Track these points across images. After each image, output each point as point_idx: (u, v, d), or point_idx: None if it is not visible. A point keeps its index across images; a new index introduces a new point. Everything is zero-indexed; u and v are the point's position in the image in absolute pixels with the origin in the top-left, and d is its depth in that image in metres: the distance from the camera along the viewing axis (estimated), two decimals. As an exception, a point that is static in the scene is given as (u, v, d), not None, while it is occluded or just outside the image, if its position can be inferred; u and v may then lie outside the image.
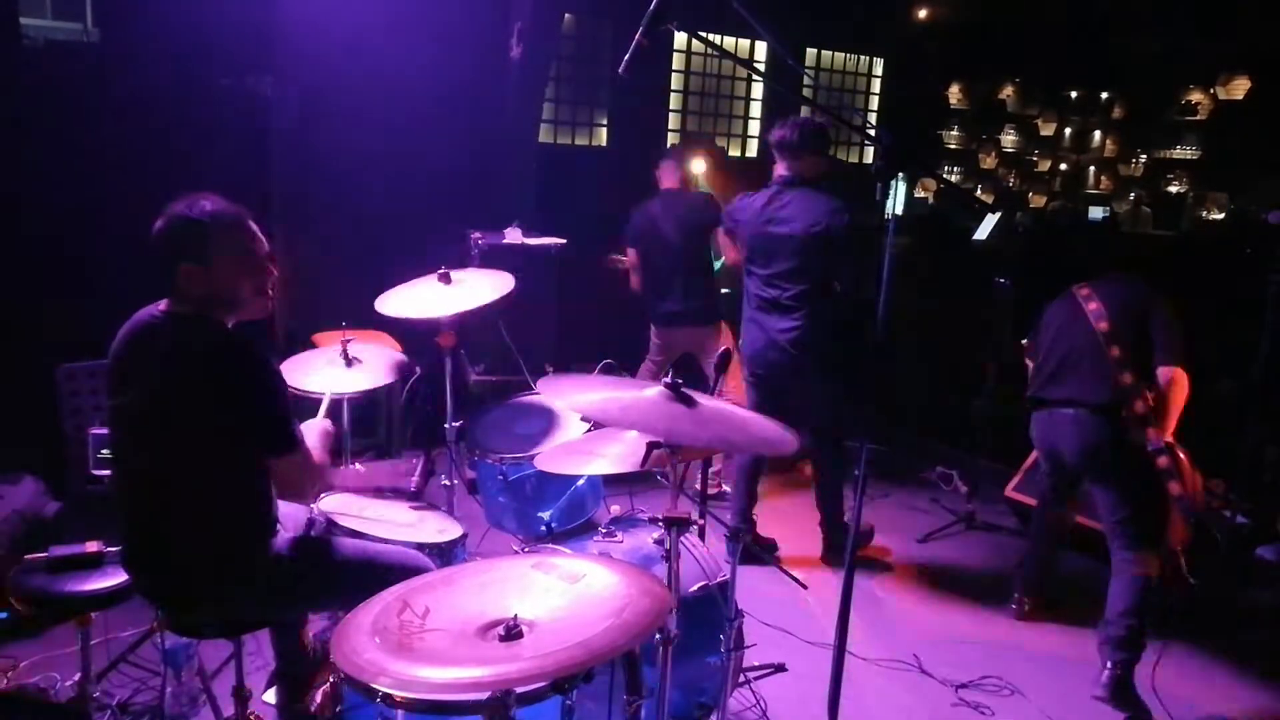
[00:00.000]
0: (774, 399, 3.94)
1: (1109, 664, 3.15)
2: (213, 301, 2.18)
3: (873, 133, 7.48)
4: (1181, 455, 3.20)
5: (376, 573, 2.23)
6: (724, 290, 5.11)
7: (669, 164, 4.81)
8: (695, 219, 4.68)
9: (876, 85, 8.92)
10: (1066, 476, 3.56)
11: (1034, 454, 3.73)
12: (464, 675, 1.44)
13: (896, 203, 2.67)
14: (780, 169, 3.88)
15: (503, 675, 1.44)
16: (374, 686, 1.51)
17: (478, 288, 3.22)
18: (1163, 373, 3.21)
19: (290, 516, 2.52)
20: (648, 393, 2.06)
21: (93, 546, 2.59)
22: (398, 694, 1.54)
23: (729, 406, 2.26)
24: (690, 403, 2.02)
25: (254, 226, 2.24)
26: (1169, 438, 3.21)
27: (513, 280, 3.24)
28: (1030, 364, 3.65)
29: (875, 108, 8.90)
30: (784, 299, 3.87)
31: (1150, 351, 3.24)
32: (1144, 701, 3.11)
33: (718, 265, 4.89)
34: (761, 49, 7.70)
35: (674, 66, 7.60)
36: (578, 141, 7.24)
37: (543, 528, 3.08)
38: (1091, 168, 10.48)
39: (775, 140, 3.85)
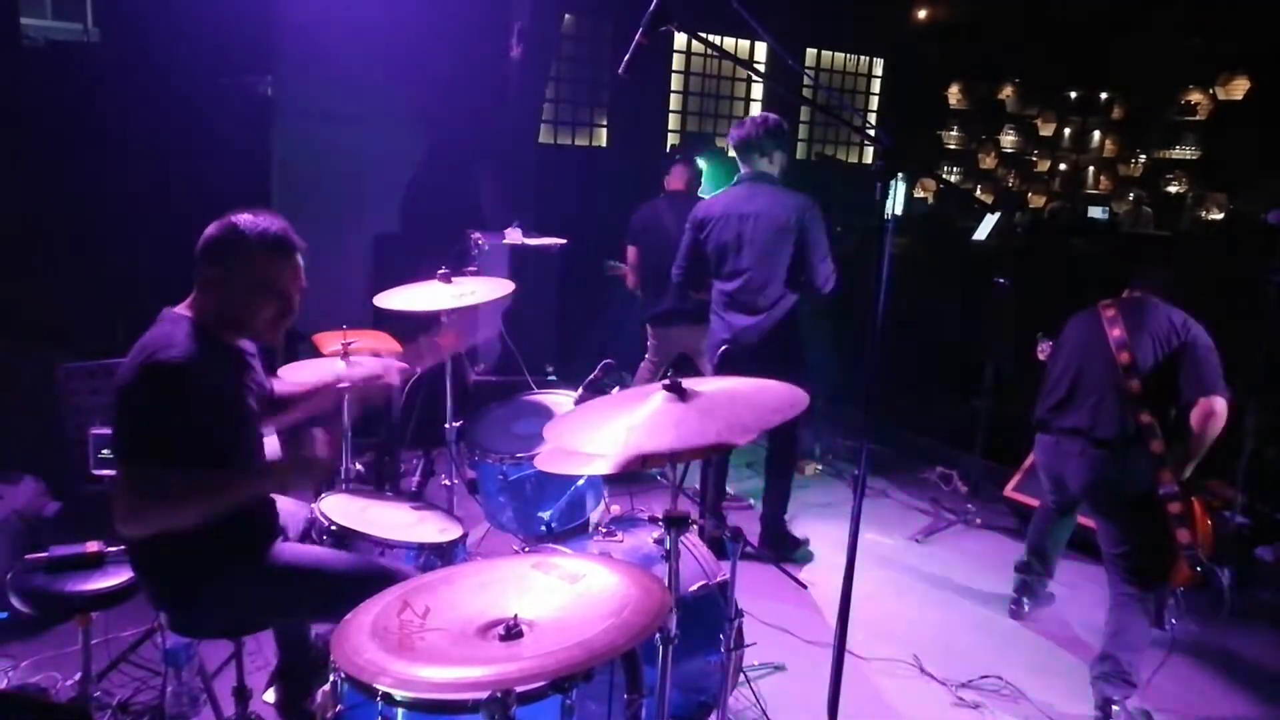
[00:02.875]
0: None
1: (1103, 705, 3.06)
2: (221, 317, 2.17)
3: (872, 133, 7.50)
4: (1196, 502, 3.04)
5: (350, 583, 2.19)
6: None
7: (679, 168, 4.86)
8: None
9: (876, 85, 8.92)
10: (1069, 500, 3.50)
11: (1033, 455, 3.68)
12: (464, 675, 1.45)
13: (896, 203, 2.67)
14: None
15: (503, 675, 1.44)
16: (374, 686, 1.51)
17: (477, 291, 3.29)
18: (1201, 404, 2.99)
19: (290, 517, 2.52)
20: (649, 403, 2.02)
21: (93, 546, 2.59)
22: (398, 694, 1.54)
23: (728, 384, 2.19)
24: (691, 396, 2.01)
25: (299, 261, 2.19)
26: (1187, 473, 3.05)
27: (511, 285, 3.30)
28: (1047, 361, 3.48)
29: (875, 108, 8.90)
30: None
31: (1175, 389, 3.05)
32: None
33: None
34: (761, 49, 7.70)
35: (674, 66, 7.60)
36: (578, 141, 7.24)
37: (543, 527, 3.08)
38: (1091, 168, 10.47)
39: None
